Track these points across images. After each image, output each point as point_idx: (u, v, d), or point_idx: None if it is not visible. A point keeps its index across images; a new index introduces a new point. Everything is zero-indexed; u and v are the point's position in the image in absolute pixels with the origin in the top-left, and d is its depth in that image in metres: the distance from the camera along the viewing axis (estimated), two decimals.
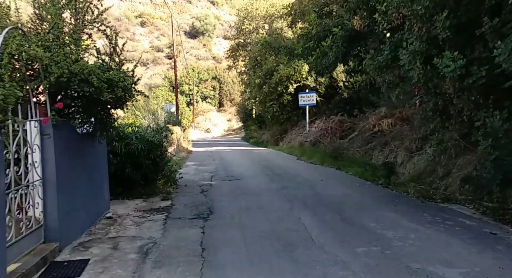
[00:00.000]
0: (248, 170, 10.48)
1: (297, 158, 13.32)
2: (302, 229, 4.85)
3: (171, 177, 7.76)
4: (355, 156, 12.02)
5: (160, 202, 6.52)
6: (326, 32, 9.70)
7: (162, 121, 20.75)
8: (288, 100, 18.60)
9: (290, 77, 18.17)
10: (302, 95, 17.68)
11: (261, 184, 8.27)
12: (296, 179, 8.82)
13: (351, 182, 8.39)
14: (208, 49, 61.51)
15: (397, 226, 4.79)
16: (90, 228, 4.93)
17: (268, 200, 6.68)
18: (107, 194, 5.78)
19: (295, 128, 19.09)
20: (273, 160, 12.89)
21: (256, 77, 18.94)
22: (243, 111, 29.35)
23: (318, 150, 13.87)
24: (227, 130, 46.16)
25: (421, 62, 6.35)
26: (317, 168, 10.83)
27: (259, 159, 13.54)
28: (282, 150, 16.50)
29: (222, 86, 49.62)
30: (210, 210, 6.00)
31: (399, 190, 7.13)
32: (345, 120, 15.15)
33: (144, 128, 7.44)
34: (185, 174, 9.68)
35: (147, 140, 6.81)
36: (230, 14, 69.28)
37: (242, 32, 23.99)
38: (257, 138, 24.20)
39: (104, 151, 5.74)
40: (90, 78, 4.20)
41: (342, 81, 17.28)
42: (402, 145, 9.95)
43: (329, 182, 8.42)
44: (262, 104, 20.09)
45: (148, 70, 56.51)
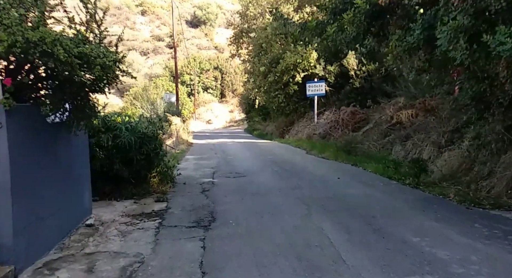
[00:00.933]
0: (254, 166, 9.51)
1: (306, 152, 12.33)
2: (327, 243, 3.89)
3: (168, 174, 6.80)
4: (371, 150, 11.02)
5: (154, 204, 5.57)
6: (347, 5, 8.58)
7: (161, 111, 19.80)
8: (295, 90, 17.53)
9: (297, 65, 17.06)
10: (310, 85, 16.61)
11: (270, 182, 7.31)
12: (309, 177, 7.85)
13: (372, 180, 7.41)
14: (210, 39, 60.15)
15: (447, 242, 3.82)
16: (63, 240, 3.98)
17: (279, 202, 5.72)
18: (89, 196, 4.82)
19: (302, 120, 18.07)
20: (280, 154, 11.91)
21: (261, 65, 17.84)
22: (246, 101, 28.29)
23: (329, 143, 12.88)
24: (229, 122, 45.16)
25: (465, 41, 5.32)
26: (330, 164, 9.84)
27: (264, 152, 12.56)
28: (289, 143, 15.51)
29: (224, 77, 48.44)
30: (212, 215, 5.05)
31: (433, 192, 6.15)
32: (357, 111, 14.11)
33: (137, 118, 6.44)
34: (184, 169, 8.72)
35: (140, 132, 5.83)
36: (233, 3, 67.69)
37: (246, 18, 22.79)
38: (261, 130, 23.19)
39: (84, 144, 4.76)
40: (56, 50, 3.21)
41: (353, 69, 16.15)
42: (428, 139, 8.93)
43: (347, 180, 7.44)
44: (267, 94, 19.04)
45: (149, 59, 55.38)
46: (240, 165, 9.61)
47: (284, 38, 17.41)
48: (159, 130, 6.29)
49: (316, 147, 12.44)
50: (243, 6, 23.15)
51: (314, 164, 9.74)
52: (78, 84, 3.76)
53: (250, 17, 22.38)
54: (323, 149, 11.77)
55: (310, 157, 11.20)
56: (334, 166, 9.50)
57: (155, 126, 6.23)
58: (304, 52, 16.79)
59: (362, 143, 11.76)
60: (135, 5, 65.99)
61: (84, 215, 4.65)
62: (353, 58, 16.17)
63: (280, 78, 17.46)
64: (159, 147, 6.39)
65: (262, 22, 19.80)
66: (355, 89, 16.34)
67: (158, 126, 6.39)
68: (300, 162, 10.09)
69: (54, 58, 3.26)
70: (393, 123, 11.43)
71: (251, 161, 10.46)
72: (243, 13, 23.04)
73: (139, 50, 55.79)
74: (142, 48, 56.19)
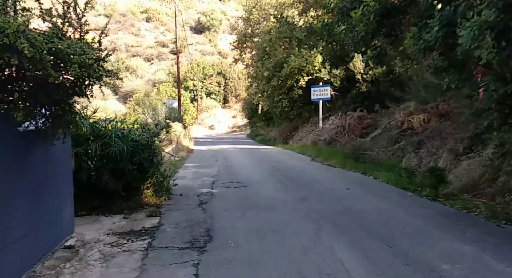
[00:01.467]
0: (256, 174, 8.94)
1: (312, 159, 11.74)
2: (341, 271, 3.31)
3: (163, 185, 6.25)
4: (381, 157, 10.42)
5: (145, 220, 5.01)
6: (356, 3, 8.05)
7: (162, 117, 19.35)
8: (299, 95, 16.99)
9: (302, 69, 16.54)
10: (315, 89, 16.07)
11: (274, 193, 6.73)
12: (316, 187, 7.26)
13: (386, 192, 6.81)
14: (213, 44, 60.00)
15: (485, 271, 3.23)
16: (34, 266, 3.43)
17: (285, 218, 5.14)
18: (71, 212, 4.27)
19: (306, 125, 17.50)
20: (284, 161, 11.33)
21: (265, 69, 17.35)
22: (249, 107, 27.77)
23: (335, 150, 12.29)
24: (232, 127, 44.68)
25: (492, 38, 4.76)
26: (338, 172, 9.25)
27: (268, 159, 11.99)
28: (293, 149, 14.93)
29: (227, 82, 48.08)
30: (209, 233, 4.48)
31: (455, 205, 5.55)
32: (365, 116, 13.53)
33: (137, 125, 5.92)
34: (182, 178, 8.18)
35: (132, 140, 5.30)
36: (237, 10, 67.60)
37: (250, 22, 22.38)
38: (264, 136, 22.64)
39: (66, 154, 4.23)
40: (19, 44, 2.69)
41: (360, 73, 15.61)
42: (444, 146, 8.33)
43: (358, 191, 6.85)
44: (270, 99, 18.51)
45: (153, 65, 55.28)
46: (242, 174, 9.05)
47: (288, 42, 16.93)
48: (154, 138, 5.75)
49: (321, 153, 11.86)
50: (247, 11, 22.78)
51: (320, 173, 9.16)
52: (53, 86, 3.25)
53: (254, 21, 21.98)
54: (329, 156, 11.18)
55: (316, 165, 10.61)
56: (342, 174, 8.91)
57: (150, 133, 5.69)
58: (309, 55, 16.30)
59: (371, 149, 11.17)
60: (140, 12, 66.18)
61: (64, 235, 4.10)
62: (359, 62, 15.65)
63: (284, 83, 16.95)
64: (154, 156, 5.84)
65: (266, 26, 19.35)
66: (361, 94, 15.78)
67: (153, 133, 5.86)
68: (305, 170, 9.51)
69: (19, 54, 2.75)
70: (403, 129, 10.83)
71: (254, 169, 9.90)
72: (247, 17, 22.65)
73: (143, 56, 55.74)
74: (146, 54, 56.13)
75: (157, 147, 5.98)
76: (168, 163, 10.32)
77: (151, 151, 5.65)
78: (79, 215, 4.81)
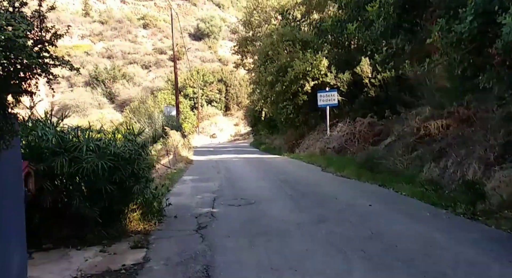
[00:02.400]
0: (263, 188, 7.97)
1: (322, 170, 10.75)
2: None
3: (153, 206, 5.29)
4: (397, 167, 9.44)
5: (128, 253, 4.03)
6: None
7: (159, 125, 18.44)
8: (305, 100, 16.08)
9: (307, 74, 15.67)
10: (322, 94, 15.16)
11: (286, 213, 5.75)
12: (333, 204, 6.28)
13: (414, 209, 5.83)
14: (213, 51, 59.46)
15: None
16: None
17: (302, 247, 4.16)
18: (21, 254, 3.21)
19: (313, 133, 16.56)
20: (292, 173, 10.35)
21: (268, 74, 16.47)
22: (251, 114, 26.87)
23: (347, 159, 11.33)
24: (234, 136, 43.74)
25: None
26: (353, 185, 8.26)
27: (274, 170, 11.01)
28: (301, 158, 13.95)
29: (228, 89, 47.32)
30: (208, 273, 3.50)
31: (502, 226, 4.59)
32: (376, 123, 12.59)
33: (109, 133, 4.96)
34: (178, 195, 7.22)
35: (111, 153, 4.35)
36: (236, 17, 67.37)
37: (251, 25, 21.61)
38: (268, 144, 21.67)
39: (14, 174, 3.22)
40: None
41: (368, 77, 14.72)
42: (472, 155, 7.37)
43: (381, 208, 5.87)
44: (274, 105, 17.61)
45: (151, 73, 54.65)
46: (247, 188, 8.07)
47: (292, 45, 16.08)
48: (141, 150, 4.80)
49: (332, 163, 10.89)
50: (247, 13, 22.03)
51: (335, 185, 8.17)
52: None
53: (255, 24, 21.21)
54: (341, 165, 10.21)
55: (328, 176, 9.62)
56: (359, 187, 7.93)
57: (135, 145, 4.74)
58: (314, 59, 15.43)
59: (386, 158, 10.18)
60: (137, 19, 65.77)
61: None
62: (367, 65, 14.78)
63: (288, 88, 16.06)
64: (141, 172, 4.88)
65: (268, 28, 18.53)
66: (370, 99, 14.87)
67: (139, 145, 4.91)
68: (317, 183, 8.53)
69: None
70: (420, 136, 9.87)
71: (260, 182, 8.92)
72: (247, 20, 21.88)
73: (141, 63, 55.13)
74: (144, 61, 55.52)
75: (145, 161, 5.02)
76: (164, 177, 9.38)
77: (137, 166, 4.69)
78: (43, 249, 3.85)
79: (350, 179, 8.92)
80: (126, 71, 51.17)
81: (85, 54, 56.87)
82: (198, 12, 71.04)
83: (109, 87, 49.86)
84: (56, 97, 54.74)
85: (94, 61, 53.39)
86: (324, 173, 10.14)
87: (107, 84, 50.32)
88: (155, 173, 10.61)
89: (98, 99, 50.18)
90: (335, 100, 14.97)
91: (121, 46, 57.18)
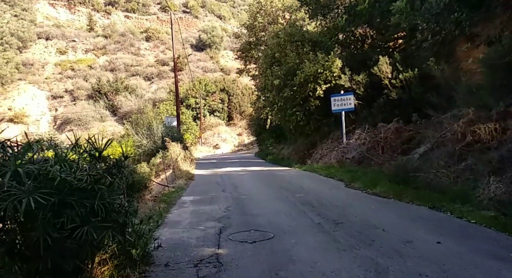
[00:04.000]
0: (281, 213, 6.23)
1: (346, 185, 8.99)
2: None
3: (131, 254, 3.57)
4: (441, 181, 7.71)
5: None
6: None
7: (159, 137, 16.81)
8: (316, 106, 14.44)
9: (318, 76, 14.06)
10: (336, 98, 13.52)
11: (320, 256, 4.01)
12: (383, 239, 4.52)
13: (500, 246, 4.07)
14: (215, 61, 58.31)
15: None
16: None
17: None
18: None
19: (326, 141, 14.85)
20: (312, 190, 8.60)
21: (274, 78, 14.87)
22: (256, 122, 25.22)
23: (373, 171, 9.59)
24: (238, 146, 42.05)
25: None
26: (395, 207, 6.49)
27: (289, 187, 9.28)
28: (316, 170, 12.18)
29: (231, 98, 45.84)
30: None
31: None
32: (403, 128, 10.87)
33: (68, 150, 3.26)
34: (173, 226, 5.51)
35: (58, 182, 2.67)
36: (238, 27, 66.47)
37: (254, 29, 20.14)
38: (275, 155, 19.94)
39: None
40: None
41: (387, 77, 13.06)
42: None
43: (454, 248, 4.10)
44: (282, 112, 15.95)
45: (153, 84, 53.48)
46: (261, 213, 6.34)
47: (301, 46, 14.50)
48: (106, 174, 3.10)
49: (358, 177, 9.14)
50: (251, 17, 20.59)
51: (371, 209, 6.40)
52: None
53: (259, 28, 19.73)
54: (370, 180, 8.47)
55: (358, 194, 7.84)
56: (404, 210, 6.16)
57: (94, 167, 3.04)
58: (326, 60, 13.84)
59: (424, 170, 8.44)
60: (140, 32, 65.08)
61: None
62: (386, 65, 13.14)
63: (297, 93, 14.44)
64: (112, 206, 3.18)
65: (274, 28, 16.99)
66: (390, 102, 13.18)
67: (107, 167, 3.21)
68: (348, 204, 6.77)
69: None
70: (467, 143, 8.15)
71: (275, 203, 7.19)
72: (251, 24, 20.41)
73: (143, 75, 54.04)
74: (146, 73, 54.44)
75: (119, 188, 3.33)
76: (159, 198, 7.68)
77: (103, 198, 2.99)
78: None
79: (387, 198, 7.16)
80: (129, 83, 50.02)
81: (89, 68, 56.07)
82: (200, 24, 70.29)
83: (112, 100, 48.72)
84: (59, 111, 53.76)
85: (97, 75, 52.40)
86: (349, 190, 8.37)
87: (109, 96, 49.20)
88: (148, 194, 8.92)
89: (100, 112, 49.07)
90: (351, 104, 13.31)
91: (124, 59, 56.29)
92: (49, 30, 61.01)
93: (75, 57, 58.79)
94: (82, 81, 52.60)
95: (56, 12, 70.78)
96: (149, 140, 16.45)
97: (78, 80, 52.82)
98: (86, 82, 52.41)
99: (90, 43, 60.50)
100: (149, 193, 8.73)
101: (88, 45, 60.49)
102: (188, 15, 73.11)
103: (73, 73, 54.61)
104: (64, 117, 50.60)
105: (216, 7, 76.42)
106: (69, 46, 60.43)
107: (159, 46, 61.33)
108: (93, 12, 68.48)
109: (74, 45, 60.50)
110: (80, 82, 52.20)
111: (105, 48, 59.17)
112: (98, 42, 60.15)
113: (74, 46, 60.51)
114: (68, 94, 53.47)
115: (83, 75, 53.98)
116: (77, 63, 56.73)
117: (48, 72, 56.35)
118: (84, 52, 60.11)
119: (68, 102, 53.59)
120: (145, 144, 16.57)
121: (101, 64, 56.75)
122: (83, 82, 52.35)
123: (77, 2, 70.16)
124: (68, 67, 56.09)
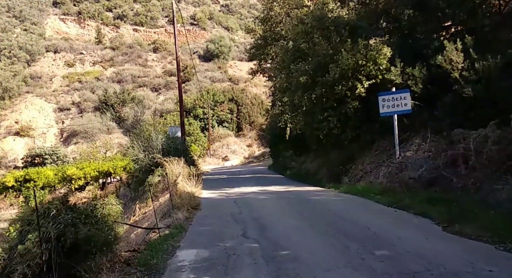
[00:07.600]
0: None
1: (444, 229, 5.22)
2: None
3: None
4: None
5: None
6: None
7: (158, 150, 13.30)
8: (355, 108, 10.89)
9: (359, 70, 10.56)
10: (385, 98, 9.92)
11: None
12: None
13: None
14: (223, 71, 55.34)
15: None
16: None
17: None
18: None
19: (368, 153, 11.20)
20: (384, 235, 4.91)
21: (300, 74, 11.38)
22: (270, 132, 21.71)
23: (470, 201, 5.91)
24: (248, 158, 38.39)
25: None
26: None
27: (351, 231, 5.58)
28: (365, 194, 8.41)
29: (240, 108, 42.49)
30: None
31: None
32: (505, 137, 7.19)
33: None
34: None
35: None
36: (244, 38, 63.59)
37: (270, 22, 16.86)
38: (296, 169, 16.32)
39: None
40: None
41: (458, 69, 9.45)
42: None
43: None
44: (308, 117, 12.40)
45: (160, 95, 50.61)
46: None
47: (334, 33, 11.03)
48: None
49: (455, 211, 5.43)
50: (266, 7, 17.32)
51: None
52: None
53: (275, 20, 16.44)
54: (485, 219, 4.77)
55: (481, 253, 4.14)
56: None
57: None
58: (370, 49, 10.33)
59: None
60: (147, 44, 62.80)
61: None
62: (455, 52, 9.54)
63: (331, 92, 10.92)
64: None
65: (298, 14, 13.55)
66: (461, 101, 9.52)
67: None
68: None
69: None
70: None
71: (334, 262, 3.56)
72: (266, 16, 17.13)
73: (150, 86, 51.28)
74: (154, 84, 51.66)
75: None
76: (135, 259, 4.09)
77: None
78: None
79: None
80: (136, 95, 47.21)
81: (96, 80, 53.64)
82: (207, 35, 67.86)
83: (118, 111, 45.88)
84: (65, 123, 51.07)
85: (104, 86, 49.81)
86: (458, 240, 4.65)
87: (116, 108, 46.38)
88: (122, 250, 5.26)
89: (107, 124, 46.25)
90: (407, 104, 9.71)
91: (131, 70, 53.75)
92: (57, 43, 58.92)
93: (82, 69, 56.49)
94: (89, 93, 49.99)
95: (66, 27, 69.09)
96: (146, 154, 12.96)
97: (85, 92, 50.22)
98: (93, 94, 49.79)
99: (97, 55, 58.29)
100: (127, 245, 5.17)
101: (96, 57, 58.28)
102: (195, 27, 70.81)
103: (80, 85, 52.07)
104: (70, 130, 47.94)
105: (223, 19, 74.05)
106: (77, 58, 58.18)
107: (167, 57, 58.71)
108: (102, 26, 66.52)
109: (82, 58, 58.25)
110: (87, 94, 49.57)
111: (112, 60, 56.80)
112: (106, 54, 57.88)
113: (82, 58, 58.26)
114: (75, 106, 50.91)
115: (90, 87, 51.43)
116: (84, 75, 54.34)
117: (55, 85, 53.97)
118: (91, 64, 57.85)
119: (75, 115, 51.04)
120: (142, 158, 13.03)
121: (108, 75, 54.29)
122: (90, 94, 49.72)
123: (87, 16, 68.42)
124: (76, 79, 53.66)
